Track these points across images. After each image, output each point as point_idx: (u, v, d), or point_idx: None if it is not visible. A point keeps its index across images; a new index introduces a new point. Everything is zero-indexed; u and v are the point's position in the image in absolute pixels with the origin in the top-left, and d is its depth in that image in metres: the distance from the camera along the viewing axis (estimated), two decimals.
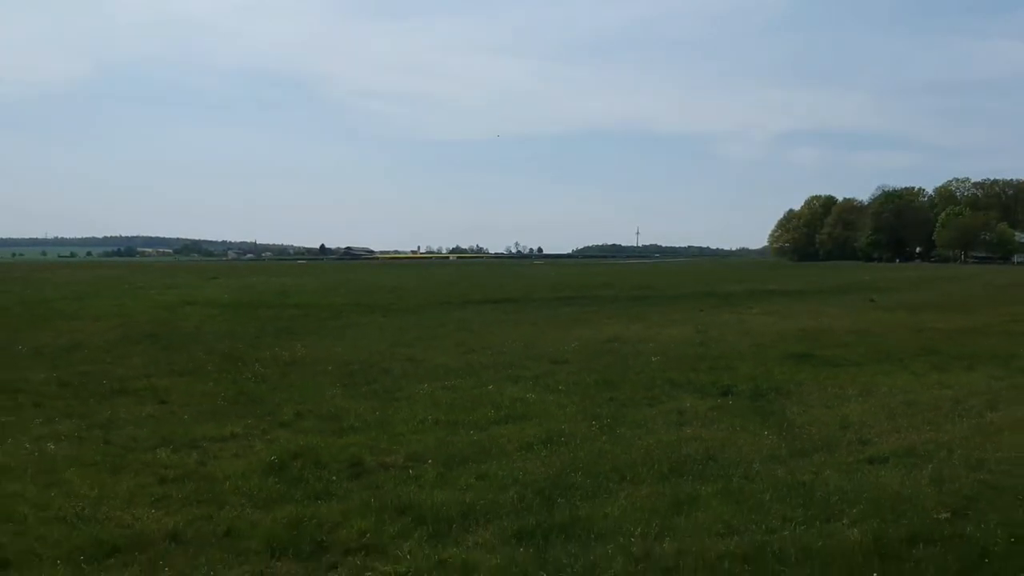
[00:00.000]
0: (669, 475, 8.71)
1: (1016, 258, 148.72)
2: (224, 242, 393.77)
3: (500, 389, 14.36)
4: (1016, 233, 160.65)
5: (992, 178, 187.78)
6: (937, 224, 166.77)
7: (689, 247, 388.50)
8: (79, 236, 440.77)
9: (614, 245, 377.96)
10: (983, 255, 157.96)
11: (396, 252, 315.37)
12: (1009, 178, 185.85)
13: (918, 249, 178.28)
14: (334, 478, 8.77)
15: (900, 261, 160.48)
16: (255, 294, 46.99)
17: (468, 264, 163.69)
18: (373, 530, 7.04)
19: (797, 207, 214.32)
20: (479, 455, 9.60)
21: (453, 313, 33.61)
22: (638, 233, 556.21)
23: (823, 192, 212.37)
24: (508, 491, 8.10)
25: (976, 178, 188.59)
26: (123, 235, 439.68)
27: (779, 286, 55.84)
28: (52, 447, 10.35)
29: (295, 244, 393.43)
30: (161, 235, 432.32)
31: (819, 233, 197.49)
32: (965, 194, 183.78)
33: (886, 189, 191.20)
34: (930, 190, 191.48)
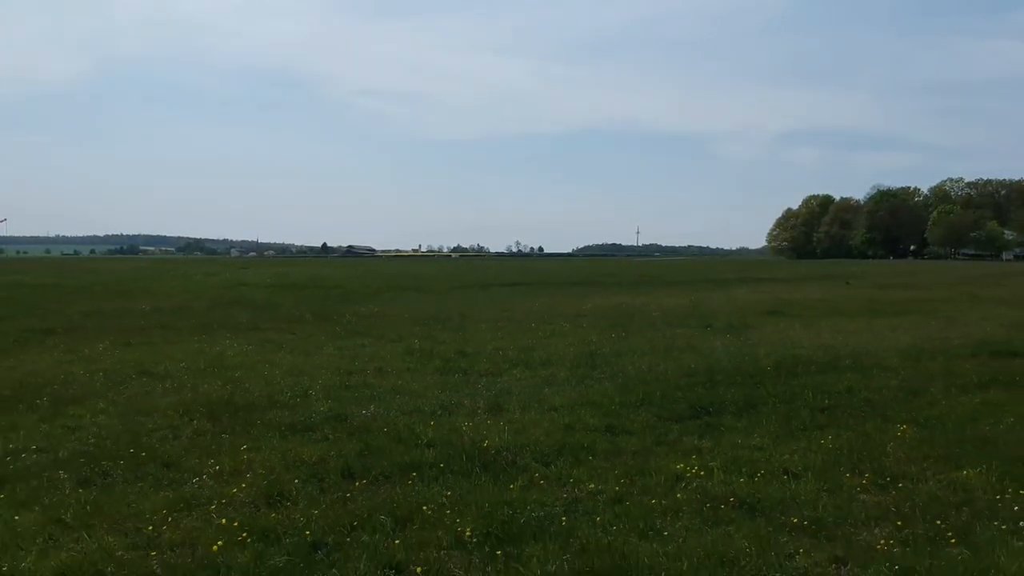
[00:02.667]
0: (663, 351, 14.08)
1: (1005, 255, 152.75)
2: (226, 240, 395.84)
3: (539, 327, 19.48)
4: (1005, 231, 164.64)
5: (986, 178, 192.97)
6: (929, 222, 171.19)
7: (689, 247, 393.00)
8: (81, 235, 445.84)
9: (614, 244, 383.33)
10: (974, 252, 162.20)
11: (397, 251, 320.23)
12: (1002, 178, 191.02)
13: (912, 247, 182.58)
14: (452, 355, 13.90)
15: (894, 258, 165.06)
16: (293, 279, 52.21)
17: (473, 260, 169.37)
18: (493, 367, 12.34)
19: (796, 207, 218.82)
20: (541, 347, 14.84)
21: (478, 293, 38.81)
22: (638, 232, 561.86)
23: (822, 192, 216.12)
24: (567, 353, 13.56)
25: (974, 178, 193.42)
26: (125, 233, 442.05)
27: (769, 276, 61.11)
28: (250, 348, 15.47)
29: (296, 243, 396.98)
30: (163, 233, 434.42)
31: (816, 232, 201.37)
32: (959, 194, 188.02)
33: (881, 188, 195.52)
34: (927, 190, 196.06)
